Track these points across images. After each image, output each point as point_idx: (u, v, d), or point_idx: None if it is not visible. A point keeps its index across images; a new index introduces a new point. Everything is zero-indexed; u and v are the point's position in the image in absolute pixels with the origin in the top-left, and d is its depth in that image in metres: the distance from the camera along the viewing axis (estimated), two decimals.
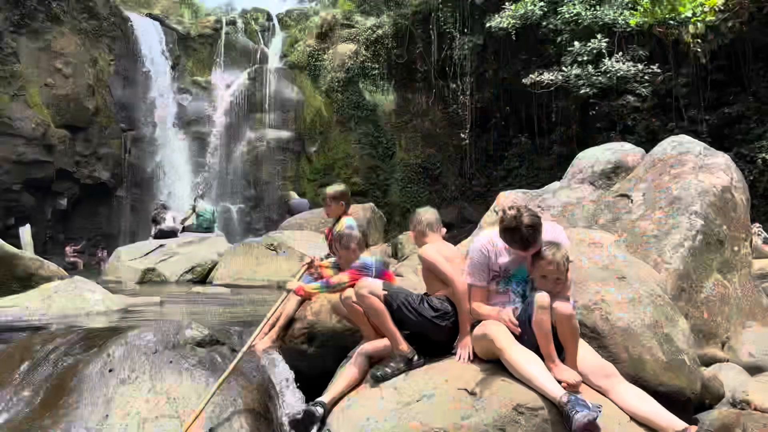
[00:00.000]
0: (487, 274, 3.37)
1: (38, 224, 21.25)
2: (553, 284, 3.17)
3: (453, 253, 3.85)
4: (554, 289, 3.16)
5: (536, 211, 3.30)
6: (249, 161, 25.50)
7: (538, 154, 22.28)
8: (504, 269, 3.36)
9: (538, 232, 3.17)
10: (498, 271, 3.36)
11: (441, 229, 4.06)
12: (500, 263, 3.35)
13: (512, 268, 3.35)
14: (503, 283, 3.37)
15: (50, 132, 20.81)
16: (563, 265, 3.18)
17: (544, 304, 3.00)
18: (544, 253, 3.19)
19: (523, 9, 16.77)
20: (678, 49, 16.24)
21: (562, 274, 3.18)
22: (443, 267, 3.59)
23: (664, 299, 4.09)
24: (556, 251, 3.19)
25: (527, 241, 3.14)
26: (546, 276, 3.16)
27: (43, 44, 21.18)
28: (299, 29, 28.05)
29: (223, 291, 7.80)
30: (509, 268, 3.35)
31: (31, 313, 4.89)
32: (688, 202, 5.33)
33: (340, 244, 4.34)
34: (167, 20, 27.76)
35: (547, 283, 3.16)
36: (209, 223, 13.04)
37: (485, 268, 3.36)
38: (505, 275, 3.36)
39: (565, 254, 3.22)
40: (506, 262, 3.35)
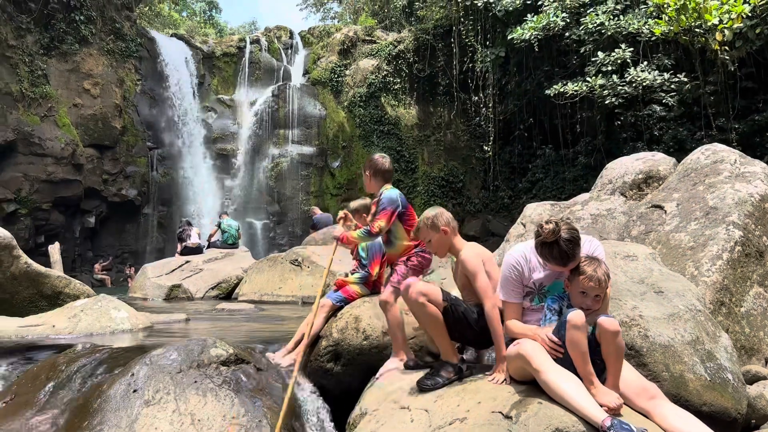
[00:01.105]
0: (520, 290, 3.24)
1: (67, 242, 21.61)
2: (593, 301, 3.03)
3: (489, 256, 3.72)
4: (593, 306, 3.02)
5: (574, 225, 3.16)
6: (273, 177, 25.68)
7: (563, 165, 22.03)
8: (538, 285, 3.23)
9: (577, 246, 3.02)
10: (532, 288, 3.23)
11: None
12: (534, 279, 3.21)
13: (547, 284, 3.22)
14: (537, 299, 3.24)
15: (79, 151, 21.19)
16: (605, 281, 3.03)
17: (578, 323, 2.85)
18: (584, 269, 3.04)
19: (545, 20, 16.65)
20: (705, 57, 15.95)
21: (602, 290, 3.03)
22: (482, 281, 3.44)
23: (705, 314, 3.92)
24: (597, 266, 3.04)
25: (566, 255, 3.00)
26: (586, 292, 3.02)
27: (72, 66, 21.64)
28: (321, 46, 28.30)
29: (248, 307, 7.76)
30: (544, 284, 3.22)
31: (58, 331, 4.88)
32: (725, 212, 5.14)
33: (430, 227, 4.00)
34: (192, 40, 28.25)
35: (585, 299, 3.02)
36: (234, 239, 13.08)
37: (519, 284, 3.23)
38: (539, 291, 3.24)
39: (606, 270, 3.07)
40: (541, 278, 3.21)
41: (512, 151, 24.69)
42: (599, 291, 3.01)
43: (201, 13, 44.64)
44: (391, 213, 4.05)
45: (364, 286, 4.57)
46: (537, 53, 18.88)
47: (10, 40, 19.70)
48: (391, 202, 4.09)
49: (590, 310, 2.98)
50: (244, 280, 10.42)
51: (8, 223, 19.55)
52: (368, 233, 4.08)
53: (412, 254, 4.09)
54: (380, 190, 4.26)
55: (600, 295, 3.03)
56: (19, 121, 19.56)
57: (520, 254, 3.26)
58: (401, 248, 4.13)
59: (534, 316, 3.19)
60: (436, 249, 3.71)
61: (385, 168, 4.35)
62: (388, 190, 4.22)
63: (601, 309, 3.05)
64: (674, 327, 3.62)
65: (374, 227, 4.03)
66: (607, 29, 15.90)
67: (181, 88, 25.83)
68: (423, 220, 3.68)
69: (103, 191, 22.42)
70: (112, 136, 22.70)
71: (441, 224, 3.61)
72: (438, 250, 3.71)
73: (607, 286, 3.05)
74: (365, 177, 4.39)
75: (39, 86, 20.36)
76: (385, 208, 4.08)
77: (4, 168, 19.61)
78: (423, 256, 4.08)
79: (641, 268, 4.38)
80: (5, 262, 5.56)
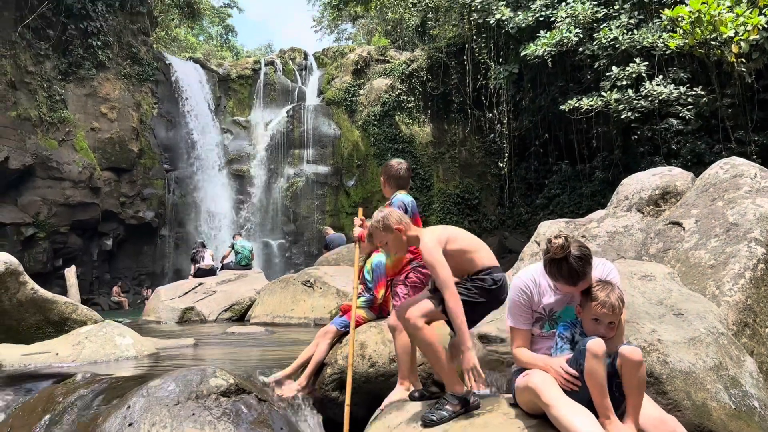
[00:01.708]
0: (529, 316, 3.07)
1: (85, 265, 21.78)
2: (606, 329, 2.85)
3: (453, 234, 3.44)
4: (607, 334, 2.84)
5: (585, 242, 2.99)
6: (288, 196, 25.74)
7: (579, 181, 21.78)
8: (549, 310, 3.05)
9: (587, 263, 2.84)
10: (542, 313, 3.06)
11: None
12: (544, 303, 3.04)
13: (558, 309, 3.04)
14: (548, 325, 3.07)
15: (96, 174, 21.40)
16: (618, 307, 2.85)
17: (597, 352, 2.65)
18: (596, 294, 2.85)
19: (558, 36, 16.55)
20: (721, 69, 15.72)
21: (616, 317, 2.85)
22: (441, 274, 3.18)
23: (727, 337, 3.73)
24: (610, 291, 2.86)
25: (576, 273, 2.81)
26: (599, 319, 2.85)
27: (89, 90, 21.96)
28: (335, 66, 28.48)
29: (259, 330, 7.66)
30: (555, 309, 3.05)
31: (61, 359, 4.80)
32: (747, 229, 4.94)
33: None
34: (208, 63, 28.61)
35: (599, 327, 2.84)
36: (247, 260, 13.03)
37: (528, 309, 3.06)
38: (550, 317, 3.06)
39: (620, 295, 2.89)
40: (551, 303, 3.03)
41: (528, 167, 24.50)
42: (613, 318, 2.83)
43: (218, 37, 45.28)
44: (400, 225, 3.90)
45: (369, 311, 4.43)
46: (551, 69, 18.76)
47: (29, 67, 20.06)
48: (403, 205, 3.98)
49: (604, 338, 2.81)
50: (256, 302, 10.33)
51: (27, 247, 19.78)
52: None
53: (409, 270, 3.87)
54: (393, 195, 4.18)
55: (614, 322, 2.85)
56: (37, 146, 19.83)
57: (529, 278, 3.08)
58: (397, 261, 3.91)
59: (544, 344, 3.02)
60: (395, 249, 3.47)
61: (399, 174, 4.25)
62: (401, 194, 4.13)
63: (615, 336, 2.88)
64: (695, 352, 3.43)
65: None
66: (621, 44, 15.75)
67: (198, 110, 26.11)
68: (373, 224, 3.44)
69: (120, 214, 22.60)
70: (129, 159, 22.92)
71: (393, 224, 3.39)
72: (397, 250, 3.48)
73: (621, 312, 2.87)
74: (381, 182, 4.39)
75: (57, 111, 20.66)
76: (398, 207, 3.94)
77: (23, 192, 19.85)
78: (421, 271, 3.86)
79: (659, 288, 4.21)
80: (12, 289, 5.51)
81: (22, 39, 19.84)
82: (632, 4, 16.72)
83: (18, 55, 19.65)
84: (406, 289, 3.77)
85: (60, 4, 20.55)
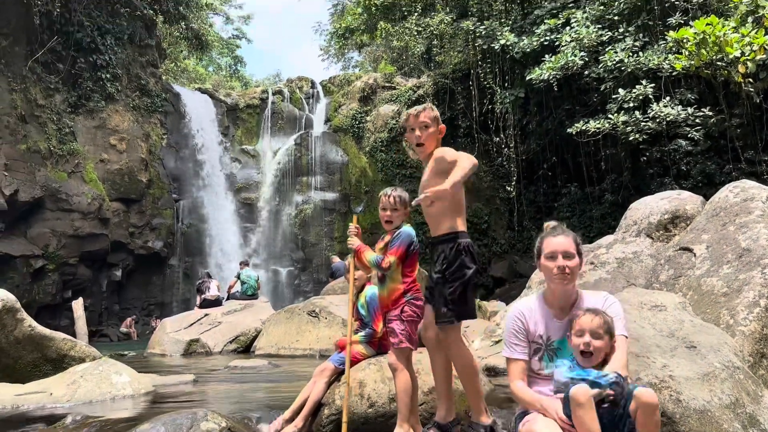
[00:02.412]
0: (525, 345, 2.96)
1: (94, 296, 21.75)
2: (585, 360, 2.73)
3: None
4: (591, 362, 2.74)
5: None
6: (297, 224, 25.72)
7: (589, 204, 21.60)
8: (546, 339, 2.93)
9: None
10: (540, 343, 2.94)
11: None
12: (540, 333, 2.95)
13: (555, 338, 2.93)
14: (547, 357, 2.93)
15: (105, 206, 21.48)
16: (599, 326, 2.75)
17: (581, 400, 2.50)
18: (578, 314, 2.81)
19: (563, 60, 16.53)
20: (729, 89, 15.60)
21: (596, 336, 2.74)
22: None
23: (744, 371, 3.56)
24: (591, 313, 2.80)
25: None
26: (579, 349, 2.76)
27: (99, 122, 22.17)
28: (342, 94, 28.67)
29: (262, 364, 7.49)
30: (552, 338, 2.93)
31: (55, 399, 4.67)
32: (760, 254, 4.78)
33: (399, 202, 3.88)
34: (216, 93, 28.91)
35: (585, 359, 2.75)
36: (253, 289, 12.93)
37: (523, 337, 2.96)
38: (548, 347, 2.93)
39: (607, 320, 2.78)
40: (547, 330, 2.94)
41: (537, 191, 24.37)
42: (590, 335, 2.74)
43: (227, 68, 45.85)
44: (405, 250, 3.73)
45: (368, 346, 4.26)
46: (557, 92, 18.74)
47: (39, 100, 20.30)
48: (410, 238, 3.81)
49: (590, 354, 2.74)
50: (261, 332, 10.20)
51: (36, 279, 19.79)
52: (379, 264, 3.73)
53: (403, 304, 3.68)
54: (401, 224, 3.94)
55: (598, 347, 2.73)
56: (47, 178, 19.96)
57: (525, 306, 3.03)
58: (391, 291, 3.72)
59: (547, 387, 2.86)
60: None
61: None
62: (408, 226, 3.94)
63: (614, 362, 2.73)
64: (710, 388, 3.26)
65: (385, 263, 3.70)
66: (626, 66, 15.70)
67: (206, 140, 26.30)
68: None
69: (129, 244, 22.61)
70: (138, 190, 23.02)
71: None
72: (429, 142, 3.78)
73: (602, 336, 2.74)
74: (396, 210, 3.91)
75: (66, 143, 20.83)
76: (402, 242, 3.74)
77: (32, 224, 19.93)
78: (416, 303, 3.70)
79: (671, 319, 4.05)
80: (8, 326, 5.42)
81: (33, 73, 20.11)
82: (637, 27, 16.71)
83: (28, 89, 19.91)
84: (403, 324, 3.61)
85: (70, 38, 20.87)
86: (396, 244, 3.76)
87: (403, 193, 3.93)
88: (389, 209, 3.86)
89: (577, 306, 2.94)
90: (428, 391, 3.79)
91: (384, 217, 3.89)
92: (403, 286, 3.70)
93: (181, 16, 26.93)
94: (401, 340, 3.55)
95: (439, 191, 3.24)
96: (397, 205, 3.86)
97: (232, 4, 40.35)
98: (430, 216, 3.69)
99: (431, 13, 23.19)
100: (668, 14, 16.00)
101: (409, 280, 3.72)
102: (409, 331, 3.59)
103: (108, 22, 22.44)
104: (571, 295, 2.95)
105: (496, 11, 23.06)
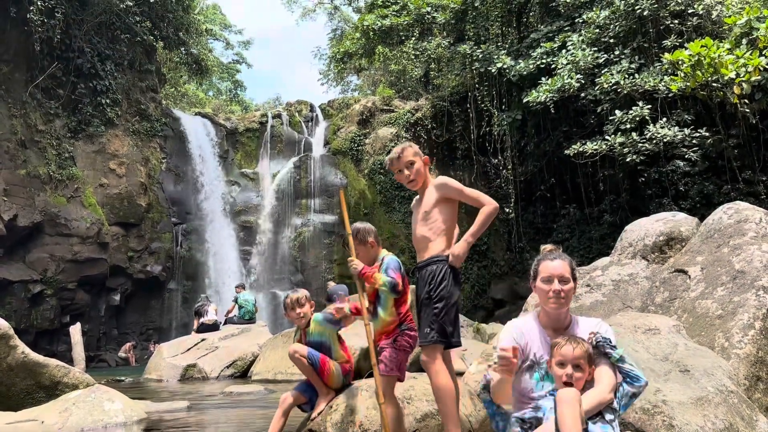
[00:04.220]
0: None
1: (92, 321, 21.64)
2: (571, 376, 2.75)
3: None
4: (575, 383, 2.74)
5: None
6: (296, 246, 25.69)
7: (588, 225, 21.59)
8: (539, 357, 2.96)
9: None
10: (534, 360, 2.97)
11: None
12: (534, 351, 2.98)
13: (545, 356, 2.95)
14: (537, 375, 2.95)
15: (104, 230, 21.48)
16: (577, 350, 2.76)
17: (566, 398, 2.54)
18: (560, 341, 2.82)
19: (559, 82, 16.67)
20: (725, 110, 15.70)
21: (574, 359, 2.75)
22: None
23: (738, 395, 3.52)
24: (573, 340, 2.81)
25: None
26: (563, 363, 2.77)
27: (98, 147, 22.27)
28: (341, 117, 28.84)
29: (257, 389, 7.44)
30: (545, 357, 2.94)
31: (46, 428, 4.63)
32: (754, 276, 4.77)
33: (357, 240, 3.87)
34: (216, 117, 29.11)
35: (563, 371, 2.77)
36: (251, 314, 12.89)
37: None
38: (540, 366, 2.95)
39: (588, 349, 2.80)
40: (540, 349, 2.97)
41: (535, 212, 24.38)
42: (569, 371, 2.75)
43: (227, 92, 46.22)
44: (401, 275, 3.68)
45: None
46: (554, 114, 18.86)
47: (39, 125, 20.43)
48: (399, 265, 3.76)
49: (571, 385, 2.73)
50: (258, 357, 10.13)
51: (34, 304, 19.72)
52: (394, 287, 3.60)
53: (397, 333, 3.64)
54: (380, 256, 3.86)
55: (579, 378, 2.75)
56: (46, 203, 20.00)
57: (521, 322, 3.11)
58: (384, 324, 3.68)
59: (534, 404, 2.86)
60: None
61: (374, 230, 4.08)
62: (391, 256, 3.87)
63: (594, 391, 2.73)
64: (703, 413, 3.23)
65: (383, 279, 3.62)
66: (623, 88, 15.82)
67: (205, 164, 26.41)
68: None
69: (128, 268, 22.57)
70: (138, 214, 23.04)
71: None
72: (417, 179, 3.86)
73: (582, 368, 2.75)
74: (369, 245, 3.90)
75: (66, 168, 20.91)
76: (394, 269, 3.69)
77: (31, 249, 19.92)
78: (409, 334, 3.67)
79: (664, 342, 4.02)
80: (1, 353, 5.40)
81: (33, 98, 20.27)
82: (632, 49, 16.87)
83: (28, 115, 20.05)
84: (395, 353, 3.57)
85: (70, 64, 21.07)
86: (391, 269, 3.70)
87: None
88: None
89: (570, 329, 2.97)
90: (421, 418, 3.75)
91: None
92: (397, 319, 3.68)
93: (181, 42, 27.21)
94: (391, 368, 3.51)
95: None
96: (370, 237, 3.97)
97: (232, 29, 40.86)
98: (424, 239, 3.70)
99: (428, 38, 23.44)
100: (663, 36, 16.16)
101: (402, 310, 3.69)
102: (399, 360, 3.57)
103: (108, 48, 22.68)
104: (564, 318, 3.00)
105: (492, 35, 23.31)
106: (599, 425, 2.61)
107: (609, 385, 2.71)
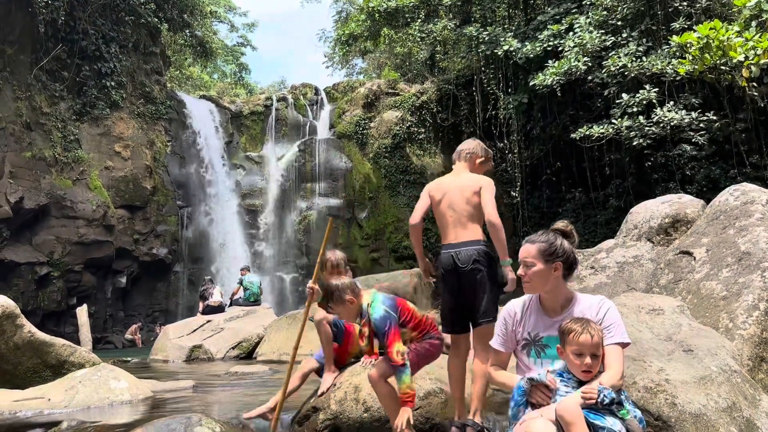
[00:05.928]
0: (506, 339, 3.10)
1: (99, 303, 21.81)
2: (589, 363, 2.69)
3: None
4: (592, 368, 2.70)
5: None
6: (301, 230, 25.74)
7: (594, 209, 21.52)
8: (534, 336, 2.97)
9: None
10: (528, 339, 3.00)
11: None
12: (529, 329, 3.01)
13: (543, 334, 2.94)
14: (534, 353, 2.96)
15: (110, 213, 21.55)
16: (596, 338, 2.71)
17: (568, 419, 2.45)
18: (572, 326, 2.75)
19: (566, 65, 16.51)
20: (733, 94, 15.55)
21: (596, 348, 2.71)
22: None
23: (741, 374, 3.52)
24: (586, 323, 2.76)
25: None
26: (582, 353, 2.70)
27: (103, 129, 22.28)
28: (346, 100, 28.71)
29: (262, 370, 7.49)
30: (540, 334, 2.95)
31: (53, 405, 4.68)
32: (759, 258, 4.74)
33: (333, 301, 3.54)
34: (220, 100, 29.02)
35: (583, 360, 2.70)
36: (256, 296, 12.93)
37: (507, 330, 3.09)
38: (536, 342, 2.96)
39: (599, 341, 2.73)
40: (536, 326, 2.98)
41: (541, 196, 24.30)
42: (593, 349, 2.69)
43: (232, 75, 46.01)
44: (396, 331, 3.42)
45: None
46: (560, 98, 18.72)
47: (44, 108, 20.43)
48: (388, 320, 3.42)
49: (590, 372, 2.69)
50: (263, 339, 10.19)
51: (41, 286, 19.87)
52: (402, 368, 3.31)
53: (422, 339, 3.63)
54: (364, 307, 3.54)
55: (597, 355, 2.72)
56: (52, 186, 20.06)
57: (519, 301, 3.15)
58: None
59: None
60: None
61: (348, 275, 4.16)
62: (372, 308, 3.48)
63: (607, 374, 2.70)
64: (706, 392, 3.23)
65: (397, 358, 3.31)
66: (630, 71, 15.67)
67: (210, 147, 26.39)
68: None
69: (134, 251, 22.67)
70: (143, 197, 23.09)
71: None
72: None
73: (599, 356, 2.72)
74: (342, 308, 3.57)
75: (71, 151, 20.94)
76: (389, 329, 3.38)
77: (37, 231, 20.02)
78: (432, 343, 3.62)
79: (668, 323, 4.02)
80: (8, 332, 5.44)
81: (38, 81, 20.25)
82: (640, 32, 16.69)
83: (33, 97, 20.04)
84: (416, 357, 3.53)
85: (74, 46, 21.01)
86: (386, 335, 3.42)
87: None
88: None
89: (571, 306, 2.95)
90: (423, 396, 3.78)
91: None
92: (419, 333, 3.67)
93: (185, 24, 27.07)
94: (404, 364, 3.35)
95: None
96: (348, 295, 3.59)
97: (236, 12, 40.55)
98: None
99: (434, 20, 23.22)
100: (672, 19, 15.97)
101: (418, 329, 3.64)
102: (420, 365, 3.59)
103: (113, 30, 22.58)
104: (557, 296, 2.99)
105: (499, 17, 23.10)
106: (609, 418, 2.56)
107: (619, 370, 2.69)
